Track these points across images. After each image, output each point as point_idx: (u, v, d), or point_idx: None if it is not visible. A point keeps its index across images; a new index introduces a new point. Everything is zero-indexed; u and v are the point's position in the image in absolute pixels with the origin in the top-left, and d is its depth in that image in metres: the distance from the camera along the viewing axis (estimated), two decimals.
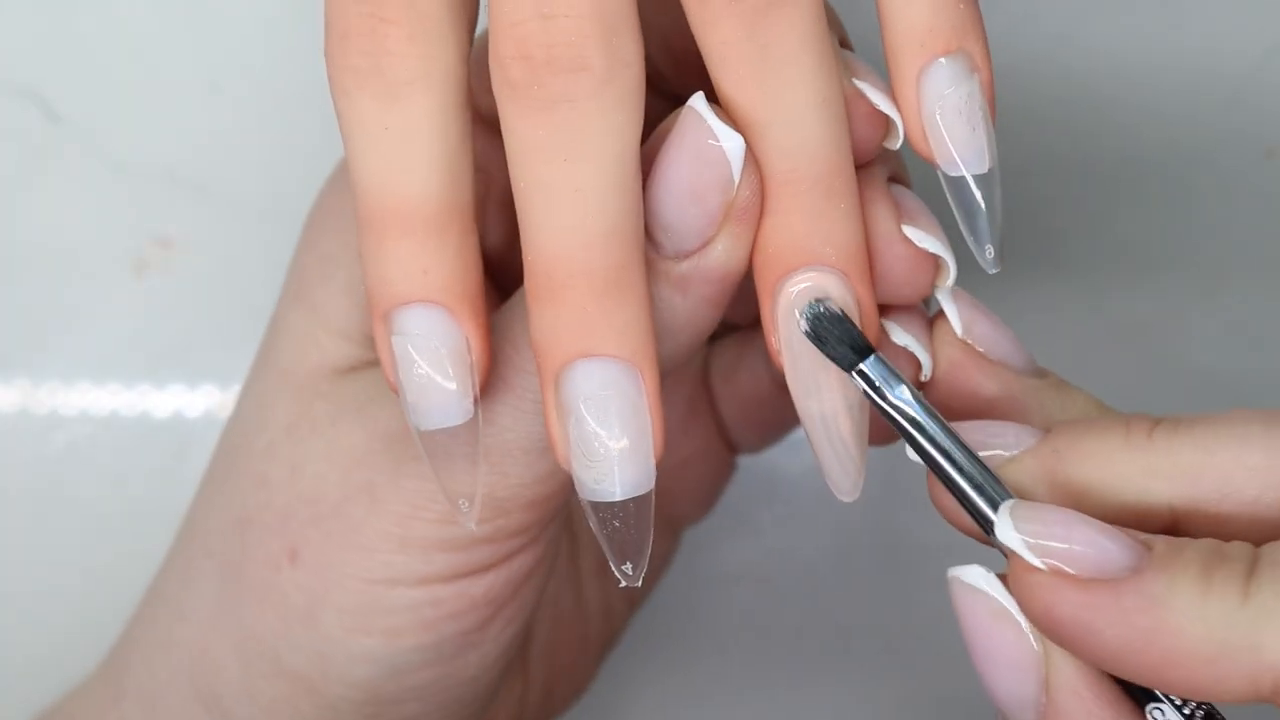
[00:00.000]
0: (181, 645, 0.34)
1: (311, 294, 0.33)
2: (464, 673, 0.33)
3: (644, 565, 0.28)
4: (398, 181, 0.28)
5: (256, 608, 0.33)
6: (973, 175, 0.29)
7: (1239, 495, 0.27)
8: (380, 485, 0.31)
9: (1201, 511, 0.27)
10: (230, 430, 0.35)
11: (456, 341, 0.28)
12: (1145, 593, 0.25)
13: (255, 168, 0.46)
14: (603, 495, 0.28)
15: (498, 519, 0.31)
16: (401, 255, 0.28)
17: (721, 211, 0.28)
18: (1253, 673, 0.24)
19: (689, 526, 0.43)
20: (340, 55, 0.28)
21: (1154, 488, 0.27)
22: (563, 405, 0.28)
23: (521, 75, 0.26)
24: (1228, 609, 0.24)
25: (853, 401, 0.29)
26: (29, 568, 0.46)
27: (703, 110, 0.28)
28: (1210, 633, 0.24)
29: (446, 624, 0.32)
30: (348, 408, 0.32)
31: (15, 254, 0.46)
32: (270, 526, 0.32)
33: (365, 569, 0.31)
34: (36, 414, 0.47)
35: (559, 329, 0.27)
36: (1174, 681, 0.25)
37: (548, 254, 0.27)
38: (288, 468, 0.32)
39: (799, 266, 0.29)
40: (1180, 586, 0.25)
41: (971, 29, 0.29)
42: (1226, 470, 0.27)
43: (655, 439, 0.28)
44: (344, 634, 0.32)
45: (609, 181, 0.27)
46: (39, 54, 0.46)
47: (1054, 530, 0.26)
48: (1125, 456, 0.27)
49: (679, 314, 0.29)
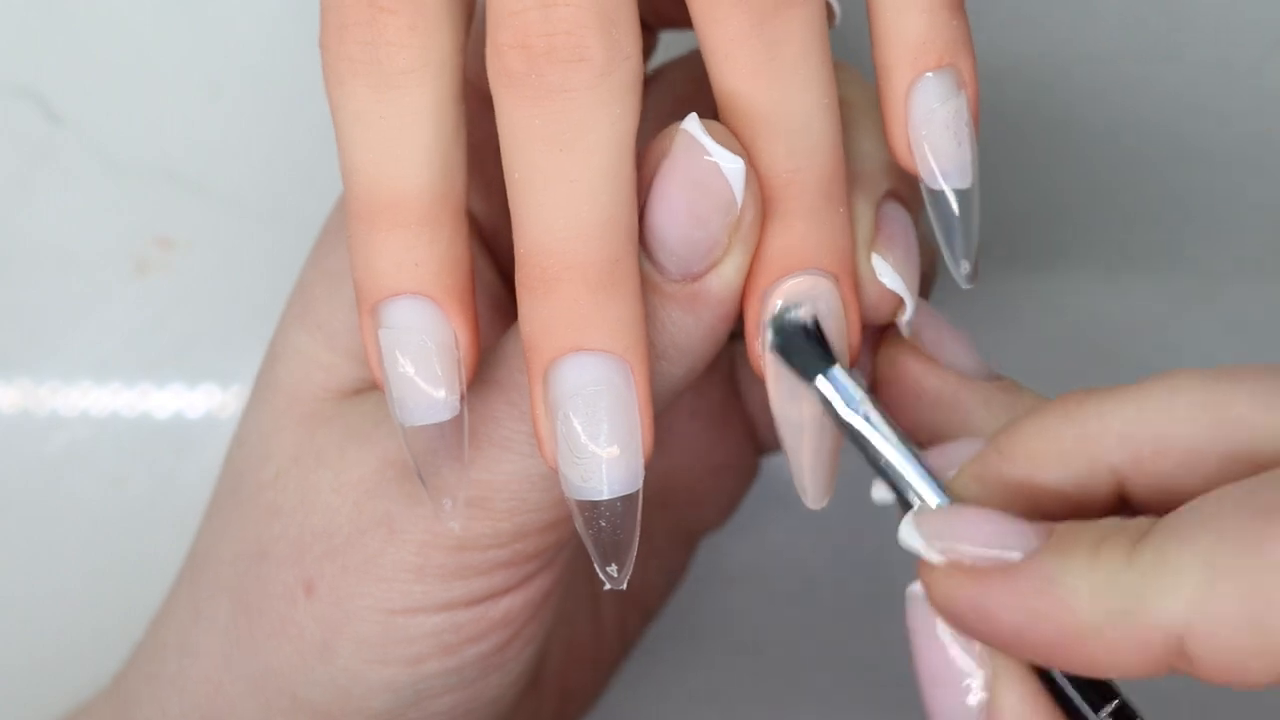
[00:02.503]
0: (193, 682, 0.33)
1: (316, 312, 0.33)
2: (486, 694, 0.32)
3: (629, 567, 0.28)
4: (391, 172, 0.27)
5: (273, 642, 0.32)
6: (954, 190, 0.29)
7: (1174, 447, 0.26)
8: (397, 516, 0.31)
9: (1144, 473, 0.27)
10: (235, 457, 0.34)
11: (445, 335, 0.28)
12: (1038, 573, 0.25)
13: (255, 168, 0.46)
14: (589, 494, 0.28)
15: (515, 543, 0.30)
16: (392, 247, 0.28)
17: (726, 233, 0.28)
18: (1141, 636, 0.24)
19: (707, 535, 0.42)
20: (337, 44, 0.27)
21: (1095, 456, 0.27)
22: (551, 401, 0.27)
23: (520, 64, 0.26)
24: (1112, 573, 0.24)
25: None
26: (29, 568, 0.46)
27: (698, 134, 0.28)
28: (1095, 601, 0.24)
29: (467, 648, 0.31)
30: (354, 434, 0.32)
31: (15, 254, 0.46)
32: (285, 559, 0.32)
33: (384, 599, 0.31)
34: (37, 414, 0.47)
35: (550, 322, 0.27)
36: (1073, 659, 0.25)
37: (541, 245, 0.27)
38: (297, 499, 0.32)
39: (796, 270, 0.29)
40: (1072, 562, 0.25)
41: (962, 46, 0.29)
42: (1158, 424, 0.26)
43: (644, 437, 0.28)
44: (363, 665, 0.31)
45: (604, 173, 0.27)
46: (39, 54, 0.46)
47: (950, 526, 0.26)
48: (1063, 432, 0.27)
49: (692, 333, 0.29)
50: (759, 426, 0.40)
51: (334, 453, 0.32)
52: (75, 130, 0.46)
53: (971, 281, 0.30)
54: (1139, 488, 0.27)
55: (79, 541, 0.46)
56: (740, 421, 0.40)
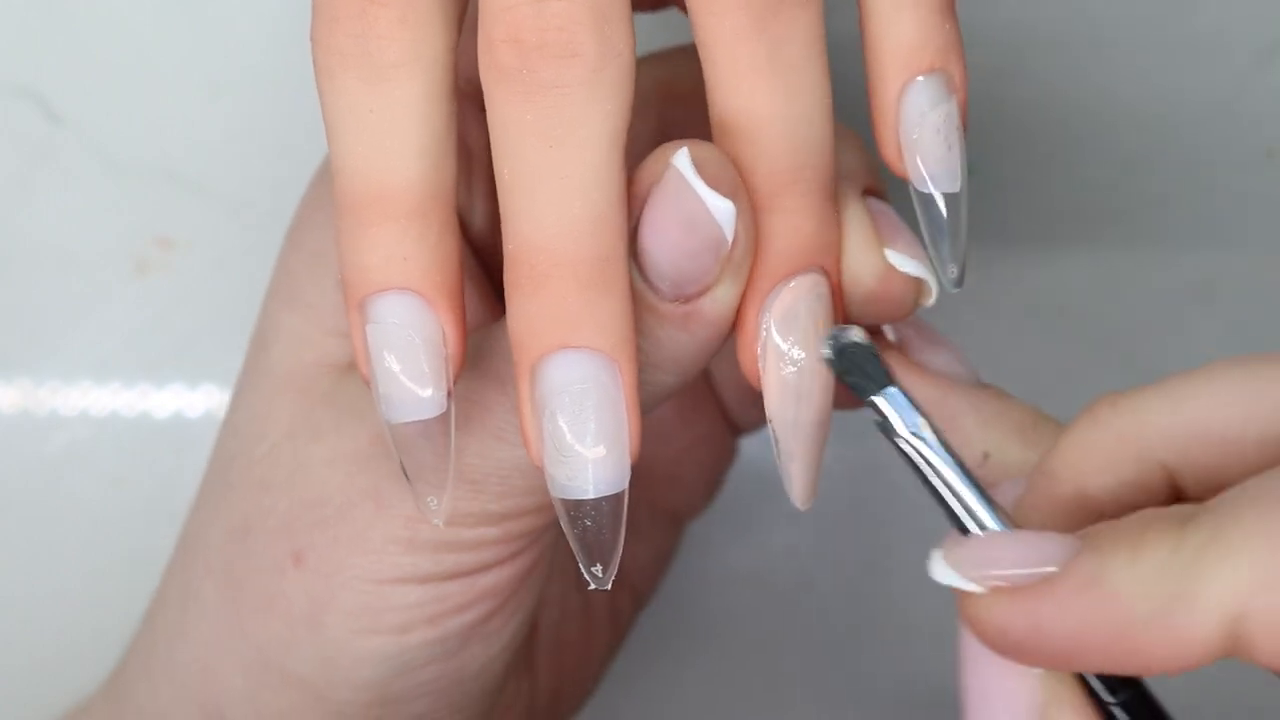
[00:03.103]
0: (184, 665, 0.34)
1: (302, 294, 0.33)
2: (471, 666, 0.33)
3: (614, 568, 0.28)
4: (380, 166, 0.27)
5: (260, 616, 0.32)
6: (944, 194, 0.29)
7: (1215, 435, 0.26)
8: (386, 490, 0.31)
9: (1192, 465, 0.26)
10: (224, 443, 0.34)
11: (432, 331, 0.28)
12: (1079, 575, 0.24)
13: (255, 168, 0.46)
14: (575, 493, 0.27)
15: (505, 523, 0.31)
16: (381, 241, 0.27)
17: (718, 266, 0.28)
18: (1200, 621, 0.23)
19: (692, 519, 0.42)
20: (327, 38, 0.27)
21: (1141, 456, 0.27)
22: (538, 398, 0.27)
23: (512, 60, 0.26)
24: (1159, 561, 0.23)
25: (826, 413, 0.29)
26: (29, 568, 0.46)
27: (689, 176, 0.28)
28: (1146, 590, 0.23)
29: (453, 618, 0.31)
30: (350, 411, 0.32)
31: (15, 254, 0.46)
32: (273, 532, 0.32)
33: (373, 570, 0.31)
34: (37, 414, 0.47)
35: (539, 319, 0.27)
36: (1133, 659, 0.24)
37: (530, 242, 0.27)
38: (289, 472, 0.32)
39: (800, 270, 0.29)
40: (1114, 558, 0.24)
41: (953, 50, 0.29)
42: (1196, 414, 0.26)
43: (632, 437, 0.28)
44: (350, 635, 0.31)
45: (596, 170, 0.27)
46: (39, 54, 0.46)
47: (982, 553, 0.25)
48: (1102, 437, 0.27)
49: (687, 348, 0.29)
50: (728, 405, 0.40)
51: (329, 427, 0.32)
52: (75, 130, 0.46)
53: (959, 285, 0.30)
54: (1189, 481, 0.27)
55: (79, 541, 0.46)
56: (709, 401, 0.40)
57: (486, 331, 0.31)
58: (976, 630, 0.25)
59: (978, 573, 0.25)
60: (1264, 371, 0.26)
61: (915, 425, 0.28)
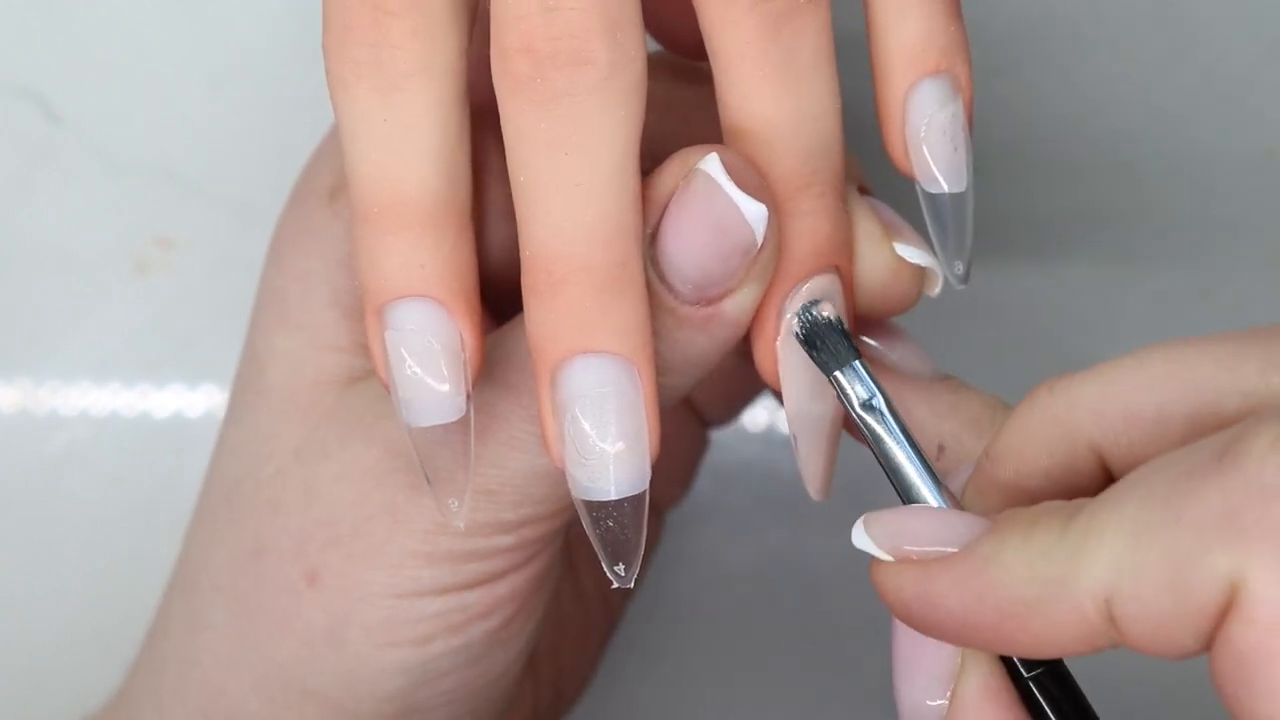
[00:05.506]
0: (195, 688, 0.33)
1: (294, 314, 0.33)
2: (492, 671, 0.33)
3: (636, 566, 0.28)
4: (396, 175, 0.28)
5: (276, 636, 0.32)
6: (951, 193, 0.30)
7: (1143, 414, 0.26)
8: (401, 505, 0.31)
9: (1120, 445, 0.27)
10: (223, 464, 0.34)
11: (451, 337, 0.28)
12: (975, 555, 0.25)
13: (255, 168, 0.46)
14: (597, 494, 0.28)
15: (521, 529, 0.31)
16: (398, 249, 0.28)
17: (745, 267, 0.28)
18: (1076, 604, 0.24)
19: (672, 508, 0.43)
20: (340, 48, 0.27)
21: (1071, 437, 0.27)
22: (558, 403, 0.28)
23: (525, 68, 0.26)
24: (1045, 547, 0.24)
25: (841, 410, 0.30)
26: (29, 568, 0.46)
27: (721, 179, 0.28)
28: (1031, 574, 0.24)
29: (474, 625, 0.31)
30: (356, 426, 0.32)
31: (15, 254, 0.46)
32: (286, 552, 0.32)
33: (392, 585, 0.31)
34: (36, 414, 0.47)
35: (557, 326, 0.27)
36: (1018, 640, 0.24)
37: (547, 249, 0.27)
38: (300, 491, 0.32)
39: (817, 271, 0.29)
40: (1009, 540, 0.25)
41: (959, 51, 0.29)
42: (1127, 394, 0.26)
43: (651, 438, 0.28)
44: (372, 649, 0.31)
45: (610, 176, 0.27)
46: (39, 54, 0.46)
47: (898, 525, 0.26)
48: (1037, 420, 0.27)
49: (705, 350, 0.29)
50: (698, 403, 0.41)
51: (336, 443, 0.32)
52: (75, 130, 0.46)
53: (964, 282, 0.31)
54: (1117, 460, 0.27)
55: (79, 541, 0.46)
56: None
57: (494, 340, 0.31)
58: (882, 597, 0.26)
59: (890, 542, 0.26)
60: (1191, 352, 0.26)
61: (867, 399, 0.28)
